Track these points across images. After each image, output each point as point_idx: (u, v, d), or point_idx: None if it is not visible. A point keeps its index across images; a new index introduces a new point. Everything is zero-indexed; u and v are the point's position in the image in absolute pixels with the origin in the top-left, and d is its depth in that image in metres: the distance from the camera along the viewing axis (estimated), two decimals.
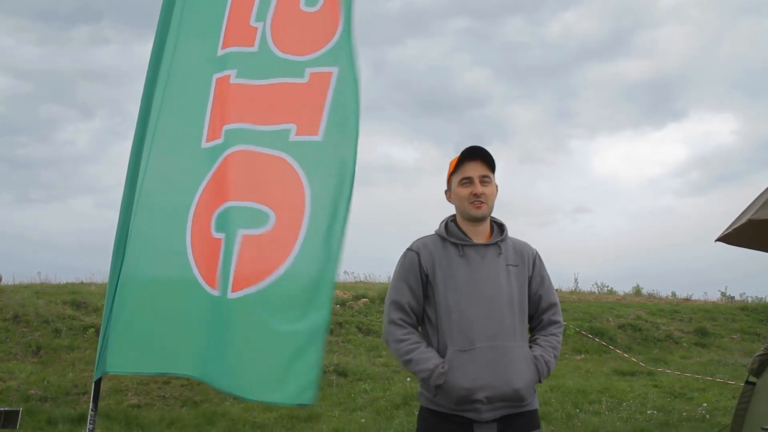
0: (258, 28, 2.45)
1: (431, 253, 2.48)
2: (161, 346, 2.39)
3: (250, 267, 2.19)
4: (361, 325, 10.35)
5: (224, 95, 2.45)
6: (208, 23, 2.57)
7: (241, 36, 2.48)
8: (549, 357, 2.46)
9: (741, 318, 12.65)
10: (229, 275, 2.21)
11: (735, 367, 9.16)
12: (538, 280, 2.56)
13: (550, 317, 2.56)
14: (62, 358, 8.12)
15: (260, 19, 2.46)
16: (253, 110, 2.36)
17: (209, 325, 2.26)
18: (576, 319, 11.38)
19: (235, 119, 2.38)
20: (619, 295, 14.92)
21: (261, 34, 2.44)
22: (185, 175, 2.46)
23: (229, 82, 2.44)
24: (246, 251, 2.21)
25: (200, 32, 2.60)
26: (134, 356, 2.47)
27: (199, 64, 2.56)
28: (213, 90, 2.48)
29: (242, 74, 2.43)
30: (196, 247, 2.35)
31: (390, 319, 2.48)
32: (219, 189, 2.35)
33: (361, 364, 8.76)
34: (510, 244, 2.54)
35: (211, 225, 2.33)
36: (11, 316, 8.86)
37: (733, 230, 4.14)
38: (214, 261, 2.27)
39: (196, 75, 2.55)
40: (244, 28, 2.48)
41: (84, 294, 10.30)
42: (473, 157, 2.49)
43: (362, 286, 13.13)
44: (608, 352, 10.22)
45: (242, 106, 2.39)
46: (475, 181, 2.47)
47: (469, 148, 2.50)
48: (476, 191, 2.46)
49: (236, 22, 2.51)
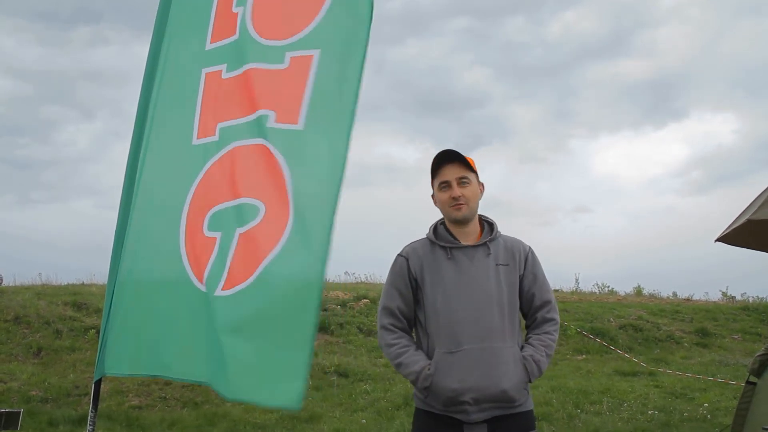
0: (238, 14, 2.38)
1: (420, 258, 2.50)
2: (157, 348, 2.35)
3: (242, 263, 2.11)
4: (362, 326, 10.35)
5: (216, 91, 2.40)
6: (197, 18, 2.53)
7: (226, 27, 2.42)
8: (540, 356, 2.44)
9: (742, 318, 12.63)
10: (222, 274, 2.14)
11: (736, 367, 9.14)
12: (530, 277, 2.54)
13: (544, 315, 2.54)
14: (63, 359, 8.12)
15: (241, 3, 2.39)
16: (240, 103, 2.30)
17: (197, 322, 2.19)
18: (577, 320, 11.37)
19: (229, 116, 2.33)
20: (620, 296, 14.90)
21: (241, 19, 2.36)
22: (177, 173, 2.41)
23: (221, 78, 2.40)
24: (240, 249, 2.14)
25: (189, 27, 2.56)
26: (132, 358, 2.45)
27: (188, 59, 2.52)
28: (202, 85, 2.43)
29: (231, 68, 2.37)
30: (189, 246, 2.30)
31: (381, 324, 2.52)
32: (215, 187, 2.30)
33: (362, 364, 8.76)
34: (501, 243, 2.53)
35: (204, 224, 2.28)
36: (12, 317, 8.87)
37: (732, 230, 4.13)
38: (204, 259, 2.22)
39: (185, 71, 2.51)
40: (228, 17, 2.42)
41: (85, 295, 10.31)
42: (448, 160, 2.49)
43: (363, 286, 13.13)
44: (609, 352, 10.21)
45: (233, 101, 2.33)
46: (453, 184, 2.47)
47: (440, 153, 2.50)
48: (454, 194, 2.46)
49: (222, 13, 2.46)
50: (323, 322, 10.25)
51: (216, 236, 2.23)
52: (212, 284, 2.15)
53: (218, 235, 2.23)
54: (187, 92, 2.47)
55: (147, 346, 2.39)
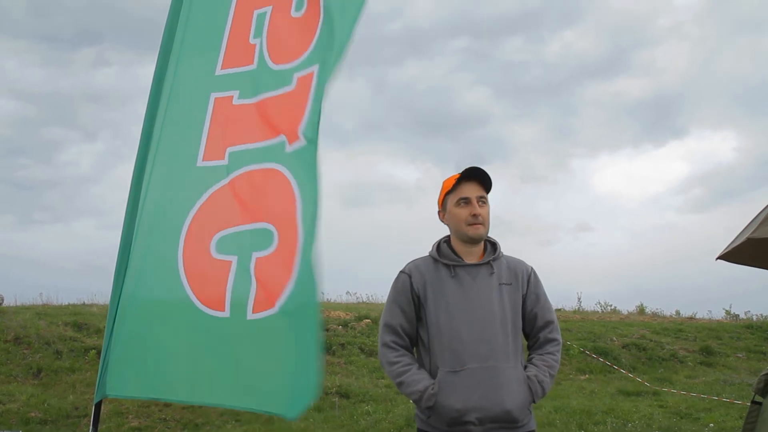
0: (256, 45, 2.45)
1: (423, 275, 2.48)
2: (157, 371, 2.35)
3: (267, 289, 2.19)
4: (363, 346, 10.29)
5: (226, 116, 2.44)
6: (208, 41, 2.57)
7: (241, 56, 2.47)
8: (543, 377, 2.43)
9: (746, 336, 12.56)
10: (248, 298, 2.21)
11: (741, 386, 9.06)
12: (533, 297, 2.53)
13: (546, 335, 2.54)
14: (63, 380, 8.08)
15: (258, 35, 2.46)
16: (254, 128, 2.35)
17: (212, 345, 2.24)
18: (580, 339, 11.30)
19: (240, 141, 2.37)
20: (623, 314, 14.84)
21: (259, 50, 2.43)
22: (180, 193, 2.44)
23: (232, 104, 2.44)
24: (261, 273, 2.21)
25: (199, 50, 2.60)
26: (133, 380, 2.43)
27: (197, 82, 2.56)
28: (211, 109, 2.47)
29: (244, 95, 2.42)
30: (190, 268, 2.32)
31: (383, 341, 2.49)
32: (223, 210, 2.33)
33: (363, 385, 8.70)
34: (504, 263, 2.53)
35: (211, 246, 2.30)
36: (12, 337, 8.83)
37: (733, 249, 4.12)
38: (219, 283, 2.25)
39: (193, 93, 2.54)
40: (244, 46, 2.48)
41: (86, 315, 10.27)
42: (472, 177, 2.49)
43: (364, 306, 13.08)
44: (613, 371, 10.13)
45: (245, 126, 2.38)
46: (473, 201, 2.47)
47: (469, 169, 2.49)
48: (475, 212, 2.45)
49: (236, 41, 2.51)
50: (324, 343, 10.20)
51: (231, 260, 2.26)
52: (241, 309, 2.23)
53: (233, 258, 2.26)
54: (194, 114, 2.50)
55: (149, 367, 2.38)
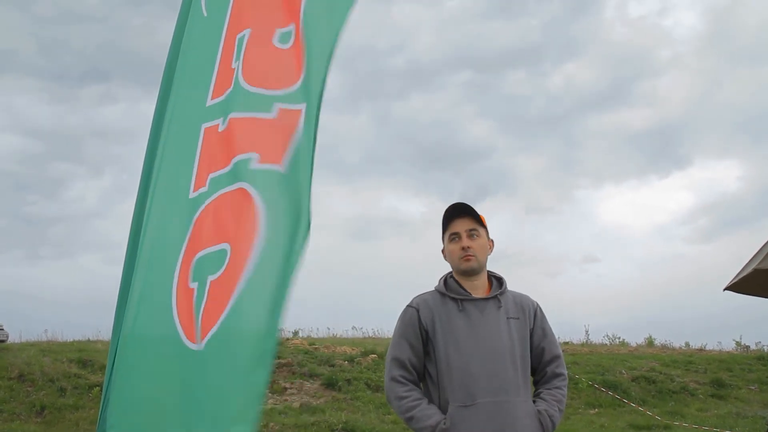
0: (235, 69, 2.49)
1: (431, 309, 2.49)
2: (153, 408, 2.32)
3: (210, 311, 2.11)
4: (369, 382, 10.18)
5: (212, 144, 2.47)
6: (201, 73, 2.62)
7: (224, 82, 2.51)
8: (553, 411, 2.43)
9: (758, 368, 12.37)
10: (198, 324, 2.14)
11: (755, 419, 8.89)
12: (539, 332, 2.55)
13: (554, 370, 2.54)
14: (66, 417, 8.00)
15: (237, 58, 2.51)
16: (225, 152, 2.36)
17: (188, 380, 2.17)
18: (588, 372, 11.16)
19: (218, 166, 2.37)
20: (632, 347, 14.67)
21: (236, 73, 2.47)
22: (175, 227, 2.44)
23: (217, 132, 2.46)
24: (210, 296, 2.14)
25: (194, 83, 2.64)
26: (131, 418, 2.40)
27: (191, 114, 2.59)
28: (201, 140, 2.50)
29: (225, 120, 2.44)
30: (179, 300, 2.30)
31: (391, 376, 2.47)
32: (199, 237, 2.32)
33: (369, 421, 8.57)
34: (510, 297, 2.55)
35: (189, 275, 2.28)
36: (16, 375, 8.79)
37: (740, 279, 4.12)
38: (189, 312, 2.21)
39: (188, 127, 2.58)
40: (227, 72, 2.52)
41: (90, 352, 10.23)
42: (459, 214, 2.55)
43: (371, 341, 12.98)
44: (623, 405, 9.97)
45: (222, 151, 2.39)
46: (463, 235, 2.52)
47: (451, 207, 2.57)
48: (464, 245, 2.50)
49: (223, 69, 2.56)
50: (330, 378, 10.09)
51: (194, 287, 2.22)
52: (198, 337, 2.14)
53: (196, 285, 2.22)
54: (187, 147, 2.54)
55: (145, 405, 2.36)
